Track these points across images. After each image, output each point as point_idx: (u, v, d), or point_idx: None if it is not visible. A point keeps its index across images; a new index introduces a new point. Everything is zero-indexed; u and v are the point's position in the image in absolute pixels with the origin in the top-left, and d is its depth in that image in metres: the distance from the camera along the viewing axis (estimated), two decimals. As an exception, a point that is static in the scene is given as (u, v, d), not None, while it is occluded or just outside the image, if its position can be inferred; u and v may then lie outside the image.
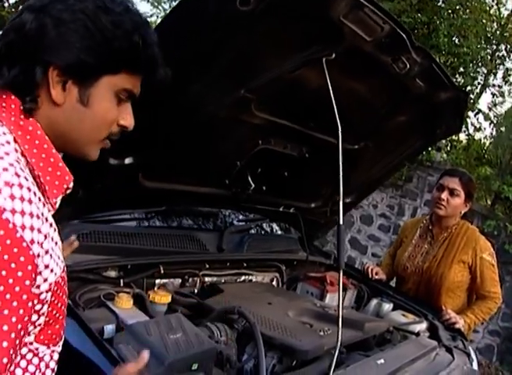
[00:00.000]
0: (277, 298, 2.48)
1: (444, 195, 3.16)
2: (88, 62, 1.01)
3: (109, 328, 1.73)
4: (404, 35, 2.11)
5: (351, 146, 2.82)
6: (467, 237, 3.20)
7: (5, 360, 0.84)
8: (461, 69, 8.35)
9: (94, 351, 1.58)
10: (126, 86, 1.09)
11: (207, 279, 2.56)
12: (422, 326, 2.81)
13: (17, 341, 0.88)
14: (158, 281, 2.35)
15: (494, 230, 6.59)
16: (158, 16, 16.74)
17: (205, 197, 2.65)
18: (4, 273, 0.83)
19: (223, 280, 2.63)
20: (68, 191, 1.05)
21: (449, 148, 8.54)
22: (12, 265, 0.85)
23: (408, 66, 2.26)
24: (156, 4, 16.98)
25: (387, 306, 3.00)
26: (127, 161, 2.13)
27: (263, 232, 3.35)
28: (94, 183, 2.08)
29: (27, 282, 0.88)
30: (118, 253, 2.25)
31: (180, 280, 2.45)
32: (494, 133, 8.89)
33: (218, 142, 2.35)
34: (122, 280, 2.15)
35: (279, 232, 3.50)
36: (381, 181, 3.50)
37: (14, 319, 0.86)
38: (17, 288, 0.86)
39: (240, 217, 3.20)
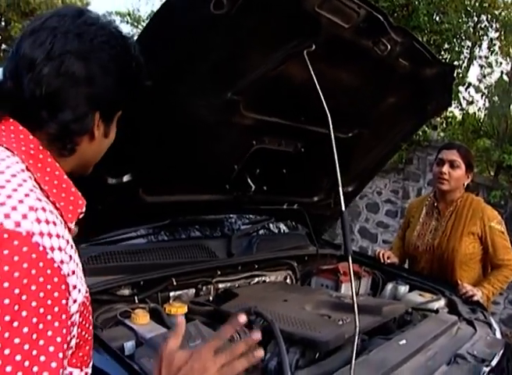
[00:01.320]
0: (292, 295, 2.48)
1: (445, 169, 3.17)
2: (119, 102, 1.13)
3: (129, 345, 1.74)
4: (381, 17, 2.12)
5: (345, 135, 2.83)
6: (473, 208, 3.20)
7: None
8: (446, 46, 8.34)
9: (117, 368, 1.59)
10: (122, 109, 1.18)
11: (220, 285, 2.56)
12: (441, 304, 2.80)
13: (64, 362, 0.89)
14: (172, 294, 2.35)
15: (501, 200, 6.59)
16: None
17: (208, 204, 2.66)
18: (42, 294, 0.84)
19: (237, 285, 2.63)
20: (81, 216, 1.07)
21: (445, 126, 8.54)
22: (48, 286, 0.86)
23: (389, 47, 2.28)
24: (136, 24, 17.05)
25: (403, 288, 3.00)
26: (125, 178, 2.15)
27: (270, 232, 3.35)
28: (95, 205, 2.08)
29: (63, 301, 0.89)
30: (129, 271, 2.25)
31: (194, 290, 2.46)
32: (487, 104, 8.87)
33: (212, 148, 2.36)
34: (136, 297, 2.16)
35: (287, 230, 3.50)
36: (380, 166, 3.50)
37: (59, 340, 0.87)
38: (56, 308, 0.87)
39: (246, 220, 3.21)
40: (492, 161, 7.29)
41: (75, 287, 0.95)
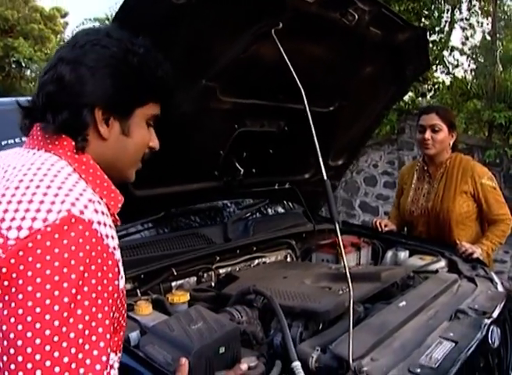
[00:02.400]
0: (292, 271, 2.52)
1: (428, 135, 3.19)
2: (124, 99, 1.19)
3: (134, 335, 1.76)
4: (345, -12, 2.13)
5: (326, 109, 2.85)
6: (462, 167, 3.22)
7: (104, 358, 0.96)
8: (425, 12, 8.33)
9: (124, 358, 1.62)
10: (153, 112, 1.28)
11: (221, 271, 2.59)
12: (441, 264, 2.84)
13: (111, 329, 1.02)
14: (174, 284, 2.38)
15: (496, 159, 6.60)
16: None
17: (199, 193, 2.68)
18: (100, 274, 0.98)
19: (237, 268, 2.66)
20: (119, 210, 1.21)
21: (433, 92, 8.55)
22: (104, 267, 0.99)
23: (357, 16, 2.28)
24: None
25: (403, 254, 3.03)
26: (113, 175, 2.17)
27: (266, 214, 3.38)
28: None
29: (116, 282, 1.03)
30: (129, 266, 2.27)
31: (195, 278, 2.48)
32: (473, 66, 8.88)
33: (195, 137, 2.37)
34: (138, 290, 2.19)
35: (282, 210, 3.53)
36: (367, 136, 3.52)
37: (111, 315, 1.01)
38: (110, 288, 1.01)
39: (240, 205, 3.23)
40: (484, 121, 7.30)
41: (119, 272, 1.07)
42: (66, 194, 1.01)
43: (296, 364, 1.61)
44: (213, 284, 2.50)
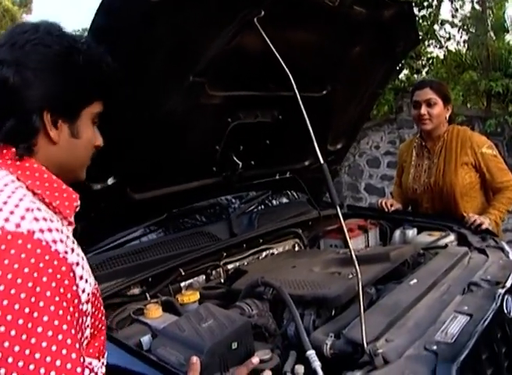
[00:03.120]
0: (300, 260, 2.50)
1: (423, 110, 3.16)
2: (72, 100, 1.15)
3: (146, 339, 1.75)
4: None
5: (319, 94, 2.82)
6: (460, 139, 3.19)
7: (78, 370, 0.92)
8: (412, -13, 8.26)
9: (138, 363, 1.60)
10: (98, 110, 1.23)
11: (229, 266, 2.57)
12: (450, 239, 2.82)
13: (80, 341, 0.98)
14: (183, 284, 2.37)
15: (497, 128, 6.56)
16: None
17: (200, 191, 2.65)
18: (54, 284, 0.93)
19: (245, 263, 2.64)
20: (77, 209, 1.15)
21: (427, 68, 8.50)
22: (58, 275, 0.95)
23: (339, -4, 2.26)
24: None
25: (411, 232, 3.01)
26: (110, 181, 2.14)
27: (270, 206, 3.36)
28: (87, 214, 2.10)
29: (74, 287, 0.98)
30: (136, 271, 2.26)
31: (204, 276, 2.47)
32: (465, 37, 8.80)
33: (189, 134, 2.35)
34: (147, 294, 2.18)
35: (286, 200, 3.50)
36: (364, 117, 3.49)
37: (75, 323, 0.96)
38: (69, 295, 0.96)
39: (243, 199, 3.21)
40: (481, 91, 7.25)
41: (81, 277, 1.03)
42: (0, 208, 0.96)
43: (311, 353, 1.59)
44: (222, 281, 2.48)
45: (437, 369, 1.50)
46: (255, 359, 1.36)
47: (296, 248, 2.99)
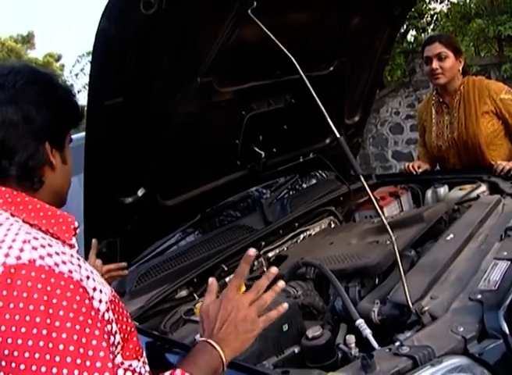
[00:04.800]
0: (337, 236, 2.53)
1: (435, 64, 3.16)
2: (62, 129, 1.25)
3: (199, 337, 1.80)
4: None
5: (327, 70, 2.84)
6: (477, 89, 3.18)
7: None
8: None
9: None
10: (70, 134, 1.32)
11: (270, 254, 2.61)
12: (482, 189, 2.83)
13: (110, 349, 1.01)
14: (227, 279, 2.41)
15: (513, 72, 6.49)
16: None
17: (228, 186, 2.70)
18: (65, 303, 0.97)
19: (285, 248, 2.68)
20: (77, 230, 1.21)
21: (433, 25, 8.42)
22: (68, 294, 0.98)
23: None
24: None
25: (442, 189, 3.02)
26: (140, 193, 2.20)
27: (299, 188, 3.40)
28: (124, 227, 2.17)
29: (87, 301, 1.01)
30: (180, 274, 2.32)
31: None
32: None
33: (207, 134, 2.40)
34: (195, 294, 2.24)
35: (314, 181, 3.54)
36: (375, 86, 3.48)
37: (97, 333, 0.99)
38: (83, 309, 0.99)
39: (271, 187, 3.25)
40: (491, 38, 7.16)
41: (95, 289, 1.07)
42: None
43: (360, 321, 1.63)
44: (265, 269, 2.52)
45: (484, 317, 1.52)
46: (274, 269, 1.36)
47: (332, 225, 3.02)
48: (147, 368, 1.21)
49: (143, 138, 2.02)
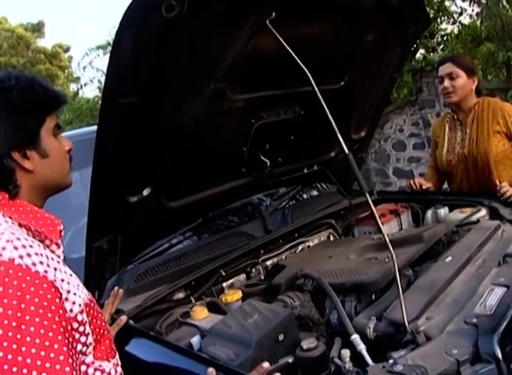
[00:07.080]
0: (336, 250, 2.55)
1: (446, 83, 3.21)
2: (27, 131, 1.27)
3: (195, 340, 1.82)
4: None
5: (338, 85, 2.86)
6: (492, 109, 3.23)
7: (67, 369, 1.05)
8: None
9: (191, 363, 1.67)
10: (54, 123, 1.36)
11: (268, 263, 2.63)
12: (482, 213, 2.84)
13: (68, 346, 1.10)
14: (225, 284, 2.44)
15: (520, 98, 6.52)
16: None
17: (232, 192, 2.72)
18: (37, 299, 1.06)
19: (283, 257, 2.70)
20: (62, 233, 1.31)
21: (443, 45, 8.45)
22: (40, 292, 1.08)
23: (346, -13, 2.30)
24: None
25: (443, 211, 3.03)
26: (145, 192, 2.21)
27: (301, 199, 3.42)
28: (127, 226, 2.18)
29: (57, 300, 1.11)
30: (179, 276, 2.34)
31: (244, 275, 2.54)
32: (477, 9, 8.71)
33: (216, 139, 2.42)
34: (191, 297, 2.25)
35: (316, 193, 3.56)
36: (383, 103, 3.51)
37: (62, 330, 1.09)
38: (53, 307, 1.09)
39: (274, 196, 3.27)
40: (500, 62, 7.19)
41: (69, 291, 1.18)
42: None
43: (355, 337, 1.65)
44: (263, 277, 2.54)
45: (479, 341, 1.54)
46: (266, 364, 1.44)
47: (331, 239, 3.04)
48: (120, 369, 1.31)
49: (153, 138, 2.04)
